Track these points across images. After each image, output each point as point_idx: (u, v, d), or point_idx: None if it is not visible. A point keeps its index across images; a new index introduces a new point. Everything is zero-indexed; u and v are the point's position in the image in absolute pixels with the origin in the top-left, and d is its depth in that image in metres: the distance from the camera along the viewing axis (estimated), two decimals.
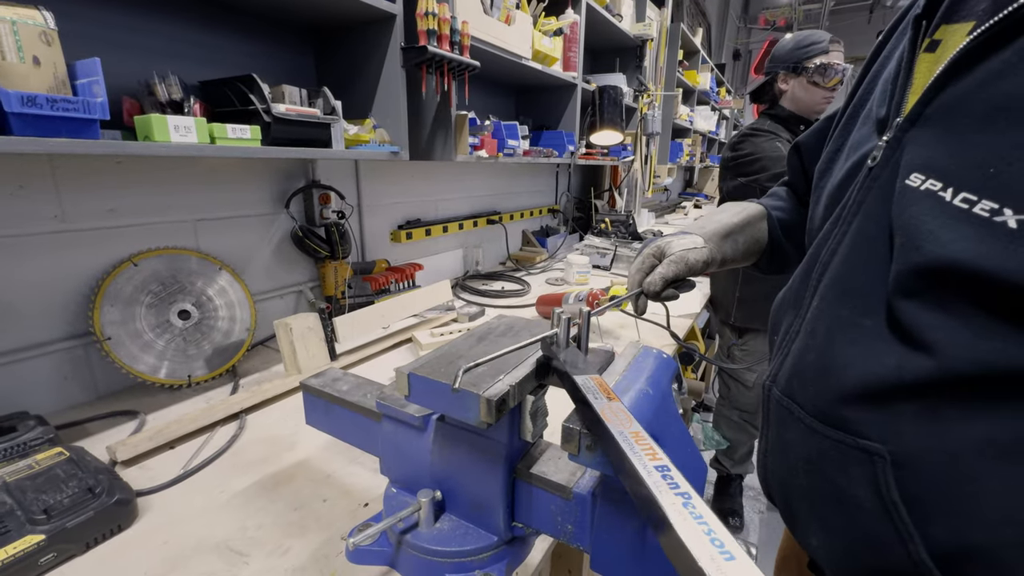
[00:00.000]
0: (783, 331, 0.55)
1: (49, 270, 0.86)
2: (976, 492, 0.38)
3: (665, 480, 0.28)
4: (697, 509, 0.25)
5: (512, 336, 0.58)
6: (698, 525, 0.24)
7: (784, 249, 0.71)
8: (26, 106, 0.55)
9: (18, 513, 0.56)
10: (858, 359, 0.43)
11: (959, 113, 0.37)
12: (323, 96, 0.98)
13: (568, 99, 1.93)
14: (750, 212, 0.68)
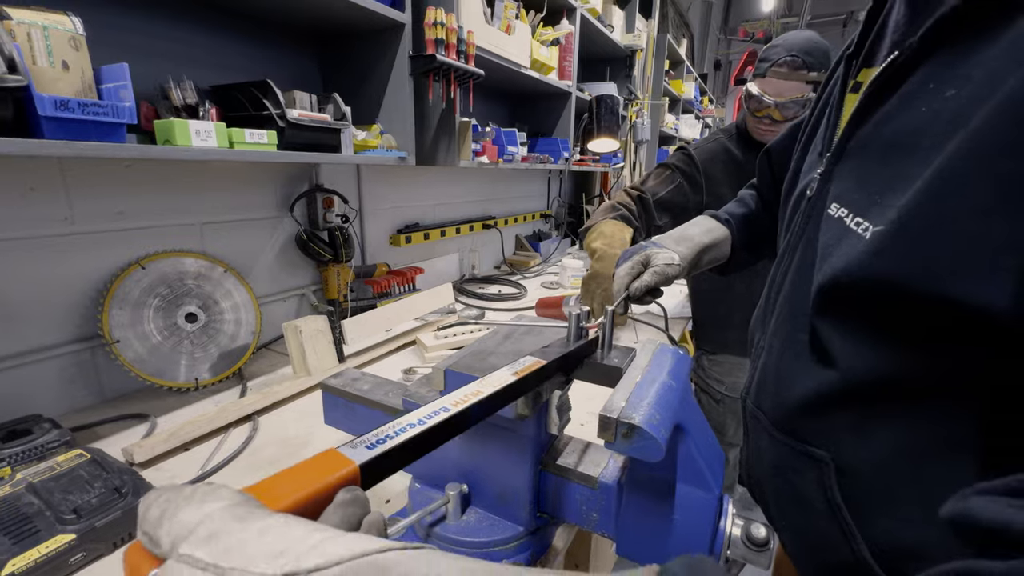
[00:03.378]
0: (754, 346, 0.60)
1: (58, 272, 0.85)
2: (900, 496, 0.42)
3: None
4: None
5: (536, 335, 0.61)
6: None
7: (740, 257, 0.81)
8: (59, 110, 0.56)
9: (47, 513, 0.56)
10: (799, 373, 0.48)
11: (866, 149, 0.42)
12: (333, 102, 1.00)
13: (563, 107, 1.97)
14: (716, 235, 0.77)
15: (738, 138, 1.40)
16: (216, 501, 0.19)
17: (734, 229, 0.76)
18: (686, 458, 0.45)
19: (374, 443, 0.30)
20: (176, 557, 0.17)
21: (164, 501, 0.19)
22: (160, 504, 0.19)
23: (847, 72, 0.48)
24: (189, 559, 0.17)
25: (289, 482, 0.25)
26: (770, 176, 0.76)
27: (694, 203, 1.37)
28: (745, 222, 0.77)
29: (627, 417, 0.40)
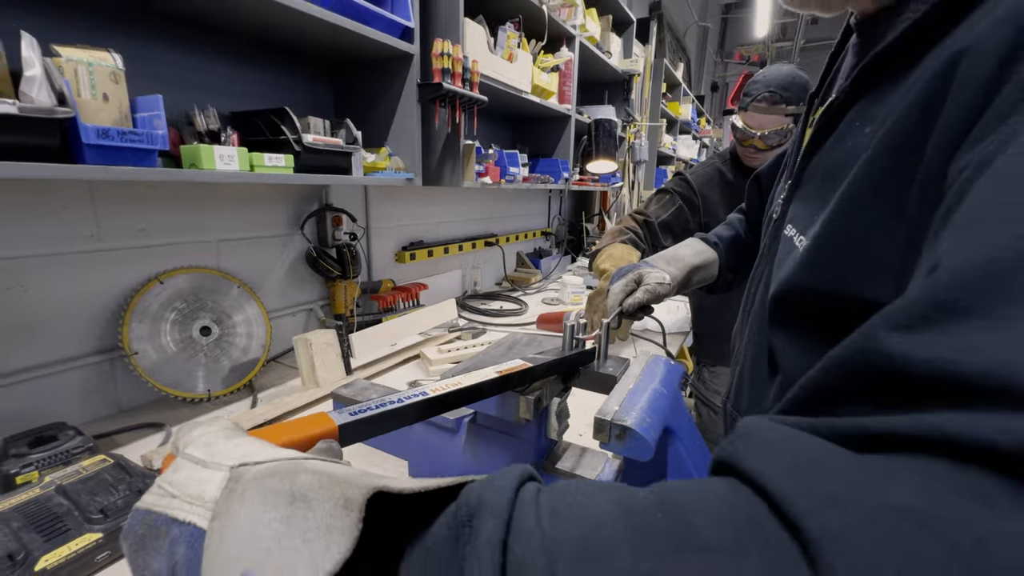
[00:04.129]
0: (734, 354, 0.64)
1: (83, 287, 0.90)
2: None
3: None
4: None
5: (536, 346, 0.65)
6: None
7: (726, 277, 0.85)
8: (100, 138, 0.62)
9: (76, 513, 0.59)
10: (765, 379, 0.52)
11: (812, 177, 0.48)
12: (346, 127, 1.06)
13: (563, 129, 2.04)
14: (705, 257, 0.82)
15: (732, 163, 1.50)
16: (213, 426, 0.29)
17: (722, 251, 0.81)
18: (675, 459, 0.49)
19: (355, 411, 0.37)
20: (181, 455, 0.27)
21: (187, 427, 0.29)
22: (184, 429, 0.29)
23: (809, 109, 0.54)
24: (188, 456, 0.26)
25: (282, 430, 0.33)
26: (758, 201, 0.81)
27: (694, 224, 1.45)
28: (732, 244, 0.82)
29: (620, 420, 0.44)
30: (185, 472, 0.25)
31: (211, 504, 0.23)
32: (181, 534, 0.23)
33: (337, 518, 0.21)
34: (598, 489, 0.22)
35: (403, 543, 0.23)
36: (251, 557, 0.21)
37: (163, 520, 0.24)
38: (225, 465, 0.25)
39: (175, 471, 0.26)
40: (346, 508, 0.21)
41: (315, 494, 0.22)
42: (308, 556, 0.20)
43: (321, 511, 0.21)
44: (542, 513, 0.20)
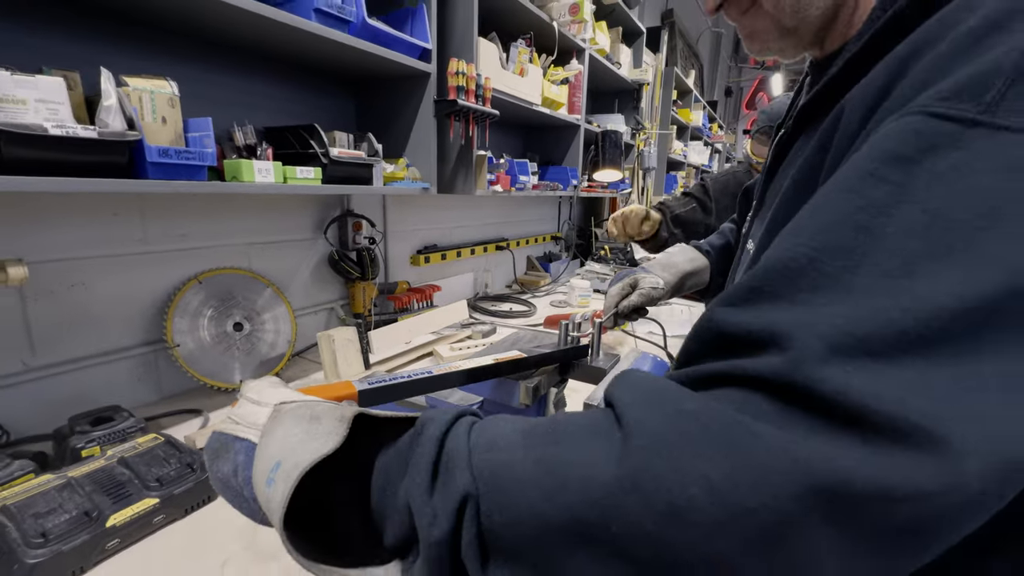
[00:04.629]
0: None
1: (133, 284, 1.00)
2: None
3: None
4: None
5: (537, 342, 0.73)
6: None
7: (716, 283, 0.92)
8: (161, 156, 0.71)
9: (136, 481, 0.68)
10: None
11: (768, 199, 0.54)
12: (367, 140, 1.15)
13: (572, 138, 2.12)
14: (698, 264, 0.89)
15: (750, 174, 1.67)
16: (264, 381, 0.40)
17: (713, 259, 0.88)
18: None
19: (374, 382, 0.48)
20: (243, 397, 0.38)
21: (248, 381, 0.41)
22: (247, 383, 0.40)
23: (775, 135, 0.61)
24: (248, 398, 0.38)
25: (314, 391, 0.43)
26: (746, 211, 0.88)
27: (703, 225, 1.60)
28: (722, 252, 0.89)
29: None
30: (245, 408, 0.37)
31: (260, 427, 0.34)
32: (241, 447, 0.35)
33: (335, 427, 0.31)
34: (514, 419, 0.32)
35: (379, 449, 0.33)
36: (281, 452, 0.31)
37: (230, 438, 0.36)
38: (271, 403, 0.36)
39: (239, 407, 0.38)
40: (341, 422, 0.32)
41: (325, 416, 0.32)
42: (314, 448, 0.30)
43: (327, 424, 0.31)
44: (471, 428, 0.31)
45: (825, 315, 0.24)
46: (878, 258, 0.25)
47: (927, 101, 0.27)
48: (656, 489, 0.23)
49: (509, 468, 0.27)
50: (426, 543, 0.27)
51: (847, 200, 0.27)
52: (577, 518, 0.24)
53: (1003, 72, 0.26)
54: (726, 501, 0.22)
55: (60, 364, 0.91)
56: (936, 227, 0.24)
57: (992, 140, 0.25)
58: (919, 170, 0.26)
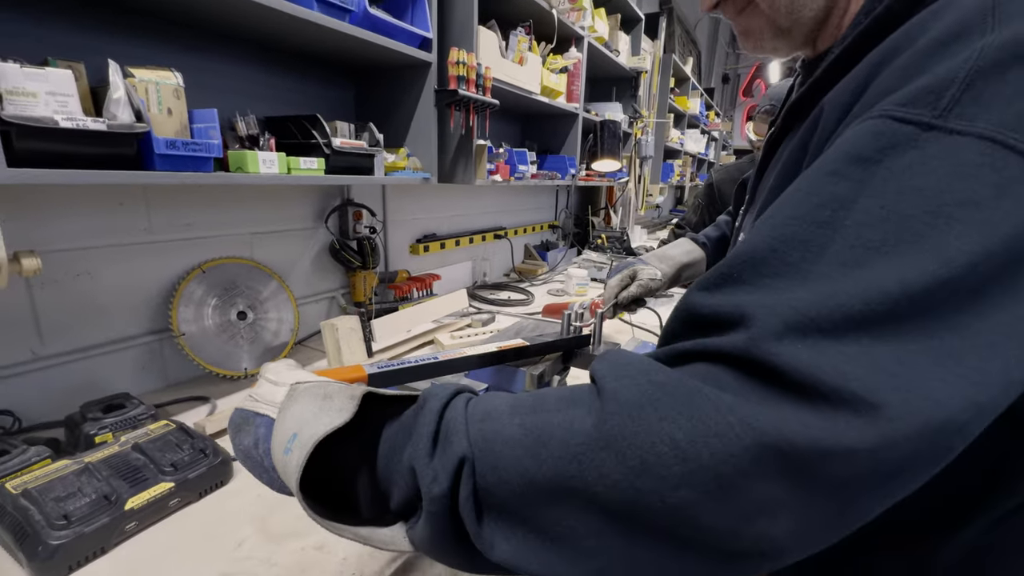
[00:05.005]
0: None
1: (138, 274, 1.01)
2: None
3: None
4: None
5: (540, 332, 0.75)
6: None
7: None
8: (169, 148, 0.72)
9: (151, 466, 0.70)
10: None
11: (758, 195, 0.56)
12: (369, 130, 1.15)
13: (571, 127, 2.12)
14: (694, 256, 0.92)
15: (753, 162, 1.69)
16: (281, 363, 0.44)
17: (709, 251, 0.90)
18: None
19: (383, 366, 0.51)
20: (263, 378, 0.42)
21: (268, 363, 0.45)
22: (266, 365, 0.44)
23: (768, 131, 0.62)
24: (267, 378, 0.42)
25: (330, 373, 0.47)
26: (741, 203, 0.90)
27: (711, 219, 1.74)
28: (718, 244, 0.91)
29: None
30: (264, 388, 0.41)
31: (278, 404, 0.38)
32: (262, 421, 0.39)
33: (346, 404, 0.35)
34: (505, 396, 0.35)
35: (385, 422, 0.37)
36: (298, 425, 0.35)
37: (251, 414, 0.40)
38: (287, 383, 0.40)
39: (259, 387, 0.42)
40: (352, 399, 0.35)
41: (337, 394, 0.36)
42: (327, 421, 0.34)
43: (338, 402, 0.35)
44: (468, 403, 0.34)
45: (784, 299, 0.27)
46: (835, 249, 0.27)
47: (888, 106, 0.30)
48: (628, 447, 0.26)
49: (499, 433, 0.31)
50: (428, 499, 0.31)
51: (809, 197, 0.30)
52: (558, 473, 0.28)
53: (957, 81, 0.28)
54: (688, 457, 0.25)
55: (68, 353, 0.92)
56: (889, 221, 0.27)
57: (943, 143, 0.27)
58: (878, 168, 0.28)
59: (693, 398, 0.26)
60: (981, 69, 0.27)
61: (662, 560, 0.27)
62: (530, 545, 0.29)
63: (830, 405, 0.24)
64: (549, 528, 0.29)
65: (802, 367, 0.25)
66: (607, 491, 0.27)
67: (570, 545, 0.28)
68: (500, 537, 0.30)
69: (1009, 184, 0.26)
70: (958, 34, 0.30)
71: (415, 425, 0.34)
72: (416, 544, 0.33)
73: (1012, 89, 0.27)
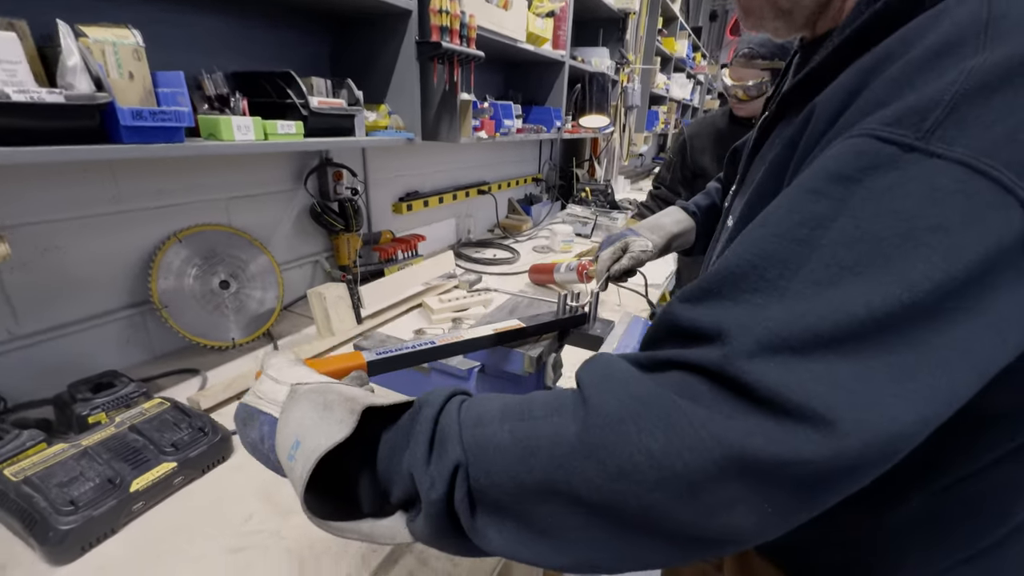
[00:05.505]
0: None
1: (110, 246, 0.96)
2: None
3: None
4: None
5: (535, 309, 0.75)
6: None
7: (701, 244, 0.95)
8: (135, 119, 0.66)
9: (151, 447, 0.71)
10: None
11: (749, 178, 0.56)
12: (347, 87, 1.08)
13: (556, 75, 2.03)
14: (684, 225, 0.92)
15: (729, 115, 1.73)
16: (282, 358, 0.45)
17: (699, 220, 0.90)
18: None
19: (381, 352, 0.52)
20: (264, 374, 0.43)
21: (269, 354, 0.46)
22: (268, 355, 0.46)
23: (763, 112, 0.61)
24: (268, 375, 0.43)
25: (328, 362, 0.49)
26: (733, 174, 0.90)
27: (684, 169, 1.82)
28: (708, 212, 0.91)
29: None
30: (266, 385, 0.42)
31: (280, 403, 0.40)
32: (265, 419, 0.41)
33: (346, 418, 0.36)
34: (496, 398, 0.37)
35: (383, 427, 0.38)
36: (301, 432, 0.36)
37: (255, 411, 0.41)
38: (288, 383, 0.41)
39: (261, 383, 0.43)
40: (351, 413, 0.36)
41: (336, 404, 0.37)
42: (328, 433, 0.35)
43: (339, 413, 0.36)
44: (461, 407, 0.36)
45: (760, 317, 0.29)
46: (811, 267, 0.29)
47: (873, 124, 0.30)
48: (609, 456, 0.29)
49: (491, 439, 0.33)
50: (426, 502, 0.33)
51: (790, 215, 0.31)
52: (545, 478, 0.31)
53: (943, 103, 0.28)
54: (662, 466, 0.28)
55: (46, 331, 0.90)
56: (863, 242, 0.28)
57: (922, 165, 0.28)
58: (858, 188, 0.29)
59: (670, 413, 0.29)
60: (967, 92, 0.28)
61: (639, 546, 0.30)
62: (521, 537, 0.32)
63: (792, 420, 0.26)
64: (537, 522, 0.32)
65: (770, 384, 0.27)
66: (589, 493, 0.30)
67: (557, 536, 0.32)
68: (493, 530, 0.33)
69: (978, 211, 0.27)
70: (950, 49, 0.30)
71: (412, 432, 0.36)
72: (416, 536, 0.36)
73: (994, 115, 0.27)
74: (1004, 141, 0.27)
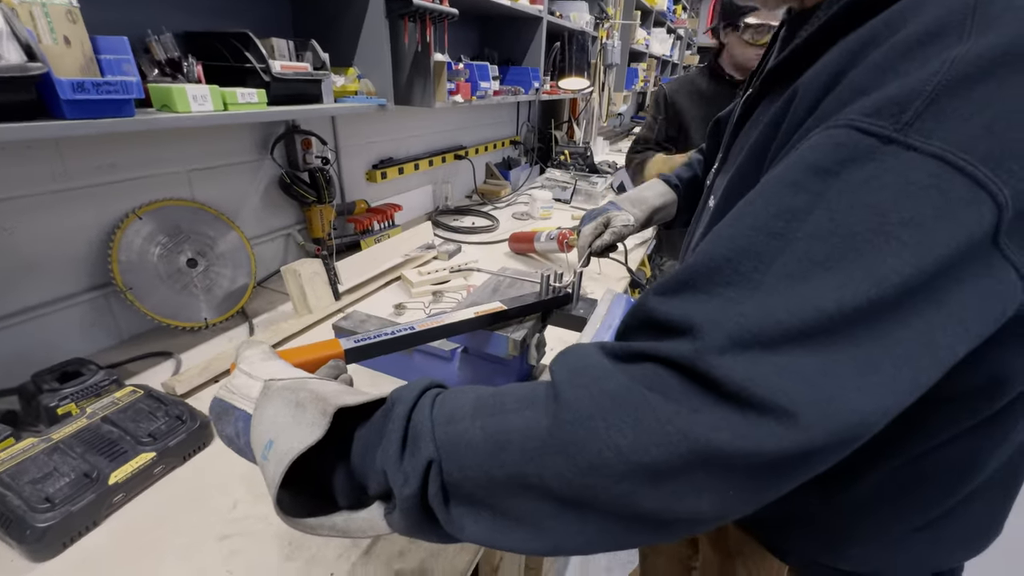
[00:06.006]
0: None
1: (62, 226, 0.90)
2: None
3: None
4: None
5: (517, 288, 0.75)
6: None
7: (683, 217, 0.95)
8: (77, 92, 0.60)
9: (128, 438, 0.69)
10: None
11: (732, 156, 0.56)
12: (312, 49, 1.01)
13: (534, 32, 1.93)
14: (666, 199, 0.91)
15: (709, 74, 1.69)
16: (256, 350, 0.45)
17: (681, 193, 0.89)
18: None
19: (359, 339, 0.51)
20: (238, 367, 0.43)
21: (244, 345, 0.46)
22: (242, 347, 0.45)
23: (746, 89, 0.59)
24: (242, 369, 0.43)
25: (304, 351, 0.48)
26: (715, 145, 0.88)
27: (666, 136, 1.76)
28: (690, 185, 0.90)
29: None
30: (239, 379, 0.42)
31: (254, 399, 0.40)
32: (240, 415, 0.40)
33: (318, 420, 0.35)
34: (470, 390, 0.37)
35: (359, 422, 0.38)
36: (272, 432, 0.36)
37: (229, 406, 0.41)
38: (261, 378, 0.41)
39: (234, 377, 0.43)
40: (323, 415, 0.35)
41: (308, 404, 0.36)
42: (300, 436, 0.35)
43: (311, 414, 0.36)
44: (434, 403, 0.36)
45: (732, 312, 0.29)
46: (784, 260, 0.29)
47: (854, 115, 0.30)
48: (579, 452, 0.30)
49: (463, 436, 0.34)
50: (400, 498, 0.34)
51: (767, 208, 0.31)
52: (517, 472, 0.31)
53: (924, 94, 0.27)
54: (630, 460, 0.28)
55: (2, 319, 0.85)
56: (837, 235, 0.28)
57: (900, 158, 0.28)
58: (835, 180, 0.29)
59: (639, 409, 0.29)
60: (948, 84, 0.27)
61: (611, 531, 0.32)
62: (496, 526, 0.33)
63: (757, 413, 0.27)
64: (511, 512, 0.33)
65: (738, 379, 0.27)
66: (560, 486, 0.31)
67: (531, 524, 0.33)
68: (469, 520, 0.34)
69: (950, 205, 0.27)
70: (935, 35, 0.29)
71: (384, 429, 0.36)
72: (393, 527, 0.37)
73: (973, 107, 0.27)
74: (982, 134, 0.27)
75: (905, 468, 0.45)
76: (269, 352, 0.45)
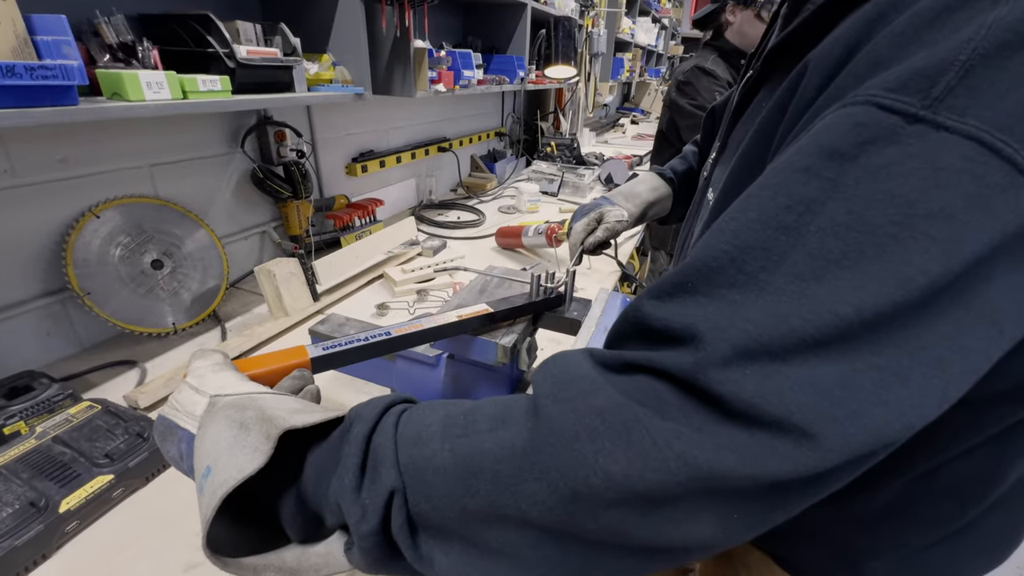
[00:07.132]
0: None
1: (13, 226, 0.83)
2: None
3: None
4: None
5: (506, 288, 0.70)
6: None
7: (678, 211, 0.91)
8: (7, 77, 0.54)
9: (82, 460, 0.63)
10: None
11: (731, 145, 0.52)
12: (281, 33, 0.94)
13: (519, 19, 1.87)
14: (660, 193, 0.86)
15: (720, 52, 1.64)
16: (208, 360, 0.40)
17: (676, 187, 0.85)
18: None
19: (328, 346, 0.45)
20: (185, 381, 0.38)
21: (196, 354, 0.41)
22: (194, 356, 0.41)
23: (744, 73, 0.55)
24: (188, 383, 0.38)
25: (262, 360, 0.42)
26: (711, 136, 0.84)
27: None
28: (685, 179, 0.86)
29: None
30: (185, 394, 0.38)
31: (198, 418, 0.36)
32: (183, 435, 0.36)
33: (261, 444, 0.31)
34: (440, 406, 0.33)
35: (311, 443, 0.35)
36: (213, 456, 0.32)
37: (173, 425, 0.37)
38: (208, 393, 0.36)
39: (180, 392, 0.38)
40: (267, 439, 0.32)
41: (253, 426, 0.32)
42: (241, 463, 0.31)
43: (254, 438, 0.32)
44: (399, 421, 0.32)
45: (736, 318, 0.25)
46: (795, 258, 0.25)
47: (875, 90, 0.26)
48: (561, 478, 0.26)
49: (430, 461, 0.30)
50: (358, 535, 0.30)
51: (776, 198, 0.27)
52: (491, 502, 0.28)
53: (956, 65, 0.24)
54: (621, 488, 0.25)
55: None
56: (855, 229, 0.25)
57: (927, 140, 0.24)
58: (853, 166, 0.25)
59: (631, 430, 0.25)
60: (985, 52, 0.23)
61: (597, 561, 0.28)
62: (469, 558, 0.30)
63: (769, 433, 0.24)
64: (486, 544, 0.29)
65: (746, 396, 0.24)
66: (541, 514, 0.27)
67: (508, 556, 0.29)
68: (439, 553, 0.30)
69: (985, 194, 0.23)
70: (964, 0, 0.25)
71: (341, 452, 0.32)
72: (354, 564, 0.32)
73: (1011, 80, 0.23)
74: (1021, 111, 0.23)
75: (926, 478, 0.42)
76: (223, 363, 0.40)
